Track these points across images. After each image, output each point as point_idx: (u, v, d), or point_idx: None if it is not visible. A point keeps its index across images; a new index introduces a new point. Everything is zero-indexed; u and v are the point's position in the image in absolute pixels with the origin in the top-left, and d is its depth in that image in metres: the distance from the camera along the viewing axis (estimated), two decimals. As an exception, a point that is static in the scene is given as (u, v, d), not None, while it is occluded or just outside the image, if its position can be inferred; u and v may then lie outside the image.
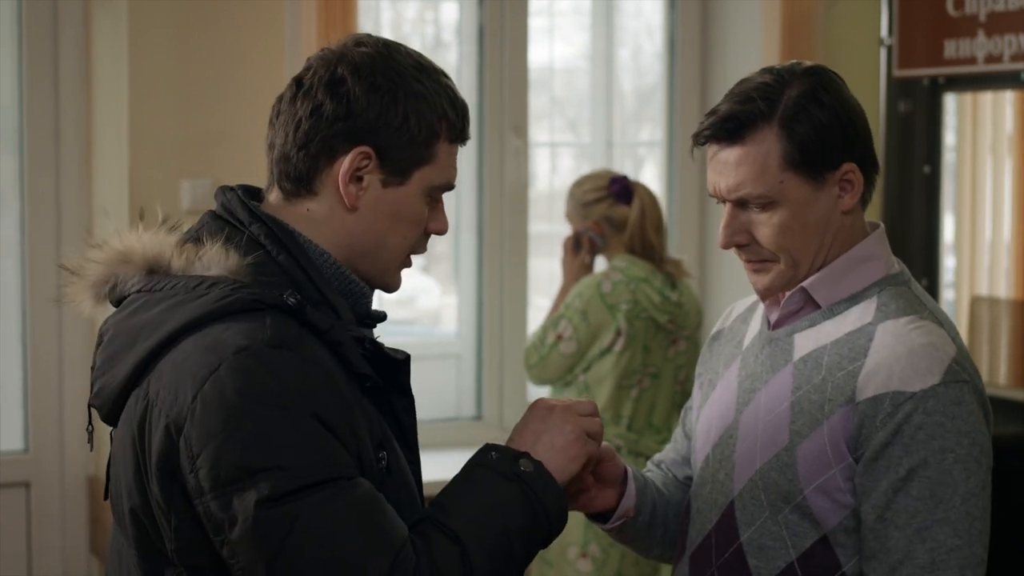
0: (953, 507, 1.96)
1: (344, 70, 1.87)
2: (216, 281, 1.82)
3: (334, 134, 1.87)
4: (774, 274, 2.09)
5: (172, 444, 1.76)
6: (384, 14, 4.84)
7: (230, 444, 1.72)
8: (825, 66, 2.11)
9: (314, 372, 1.77)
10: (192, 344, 1.78)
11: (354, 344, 1.84)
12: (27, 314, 4.25)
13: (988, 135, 4.60)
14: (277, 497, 1.72)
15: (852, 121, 2.05)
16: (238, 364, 1.74)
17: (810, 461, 2.02)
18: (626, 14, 5.08)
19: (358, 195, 1.89)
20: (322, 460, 1.75)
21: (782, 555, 2.05)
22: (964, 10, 4.29)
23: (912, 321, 2.03)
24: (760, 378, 2.12)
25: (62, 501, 4.31)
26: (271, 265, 1.86)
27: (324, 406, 1.76)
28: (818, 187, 2.04)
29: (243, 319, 1.78)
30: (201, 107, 4.05)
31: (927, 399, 1.96)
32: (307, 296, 1.85)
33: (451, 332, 4.90)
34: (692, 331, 4.23)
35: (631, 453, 4.13)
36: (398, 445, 1.94)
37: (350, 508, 1.75)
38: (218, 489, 1.73)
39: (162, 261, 1.88)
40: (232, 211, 1.91)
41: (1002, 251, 4.58)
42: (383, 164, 1.88)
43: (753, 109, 2.02)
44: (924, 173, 4.49)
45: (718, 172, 2.06)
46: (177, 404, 1.76)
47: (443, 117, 1.90)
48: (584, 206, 4.17)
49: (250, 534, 1.73)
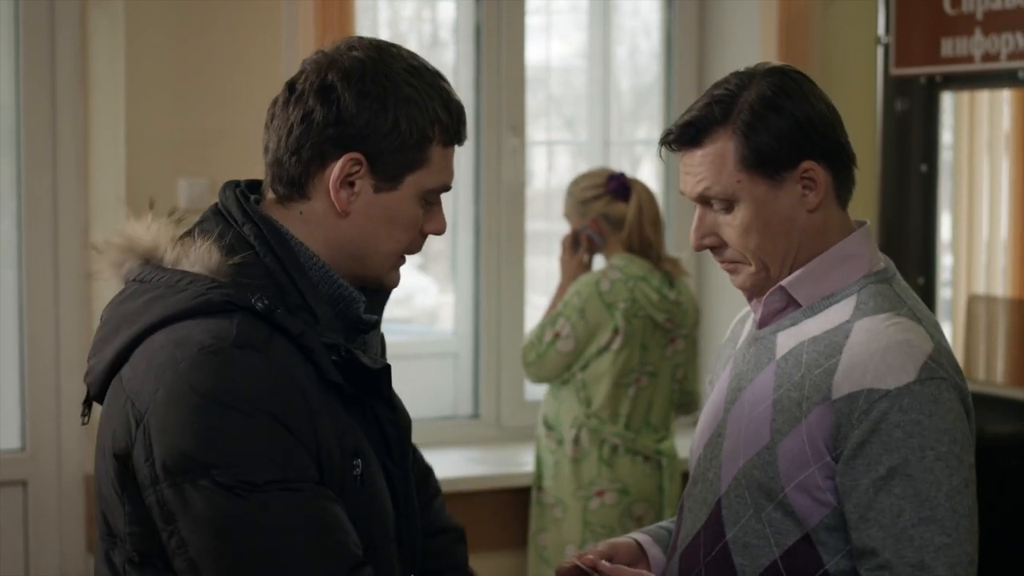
0: (939, 505, 1.97)
1: (334, 76, 1.89)
2: (196, 278, 1.85)
3: (324, 140, 1.89)
4: (745, 275, 2.13)
5: (131, 433, 1.81)
6: (381, 13, 4.83)
7: (186, 436, 1.76)
8: (789, 67, 2.14)
9: (276, 374, 1.80)
10: (164, 337, 1.82)
11: (325, 351, 1.85)
12: (24, 313, 4.25)
13: (985, 133, 4.60)
14: (231, 491, 1.75)
15: (811, 121, 2.07)
16: (200, 361, 1.78)
17: (790, 459, 2.03)
18: (623, 13, 5.08)
19: (350, 200, 1.91)
20: (276, 460, 1.77)
21: (766, 553, 2.06)
22: (961, 8, 4.29)
23: (889, 318, 2.04)
24: (746, 377, 2.14)
25: (59, 500, 4.30)
26: (257, 266, 1.88)
27: (283, 408, 1.79)
28: (777, 186, 2.07)
29: (214, 318, 1.81)
30: (198, 106, 4.05)
31: (902, 397, 1.97)
32: (288, 300, 1.87)
33: (448, 331, 4.90)
34: (690, 330, 4.24)
35: (628, 451, 4.14)
36: (382, 457, 1.95)
37: (308, 515, 1.78)
38: (172, 478, 1.77)
39: (157, 253, 1.91)
40: (229, 209, 1.94)
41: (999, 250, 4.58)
42: (374, 170, 1.90)
43: (709, 114, 2.08)
44: (921, 172, 4.49)
45: (684, 174, 2.12)
46: (142, 395, 1.80)
47: (436, 120, 1.91)
48: (582, 204, 4.17)
49: (203, 522, 1.76)
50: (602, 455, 4.13)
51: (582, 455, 4.14)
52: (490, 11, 4.71)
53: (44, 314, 4.25)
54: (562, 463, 4.16)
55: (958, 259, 4.63)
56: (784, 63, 2.18)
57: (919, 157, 4.50)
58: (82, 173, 4.24)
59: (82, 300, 4.27)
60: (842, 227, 2.13)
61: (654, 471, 4.18)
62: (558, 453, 4.18)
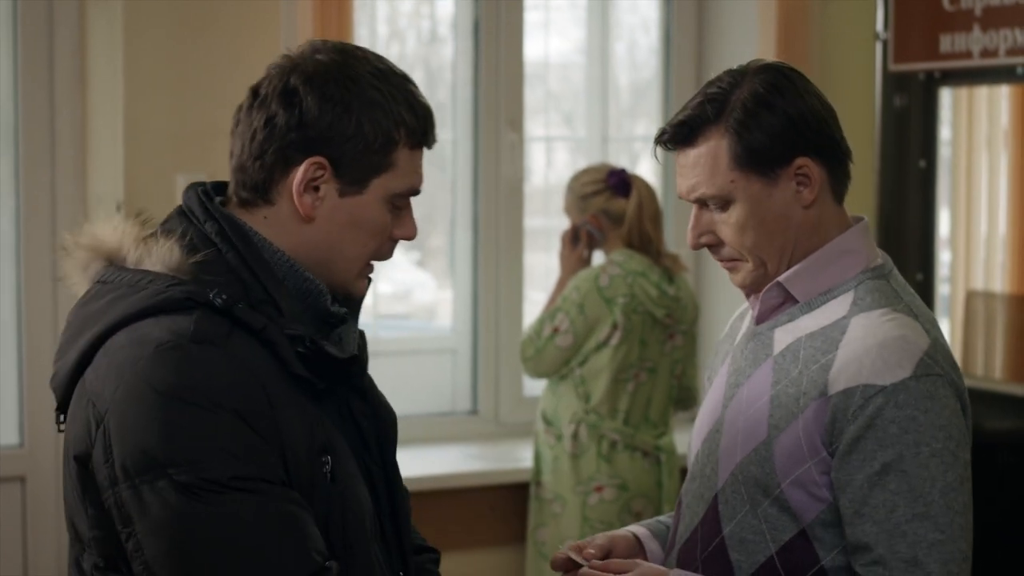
0: (932, 501, 1.97)
1: (296, 80, 1.87)
2: (156, 277, 1.84)
3: (287, 144, 1.87)
4: (744, 273, 2.13)
5: (91, 434, 1.79)
6: (380, 9, 4.83)
7: (146, 434, 1.74)
8: (781, 63, 2.14)
9: (236, 369, 1.78)
10: (124, 337, 1.81)
11: (288, 344, 1.83)
12: (23, 309, 4.24)
13: (984, 129, 4.60)
14: (189, 491, 1.72)
15: (804, 117, 2.07)
16: (158, 358, 1.76)
17: (786, 454, 2.04)
18: (622, 9, 5.07)
19: (314, 205, 1.89)
20: (238, 456, 1.75)
21: (762, 549, 2.07)
22: (960, 4, 4.29)
23: (885, 314, 2.05)
24: (744, 373, 2.14)
25: (57, 496, 4.27)
26: (219, 263, 1.87)
27: (244, 403, 1.77)
28: (771, 183, 2.07)
29: (173, 315, 1.80)
30: (196, 104, 4.05)
31: (898, 393, 1.97)
32: (252, 295, 1.85)
33: (446, 327, 4.90)
34: (689, 325, 4.24)
35: (627, 447, 4.14)
36: (358, 453, 1.92)
37: (267, 519, 1.75)
38: (130, 479, 1.74)
39: (121, 253, 1.90)
40: (192, 208, 1.92)
41: (997, 245, 4.58)
42: (338, 173, 1.88)
43: (702, 113, 2.08)
44: (920, 167, 4.49)
45: (679, 174, 2.12)
46: (103, 395, 1.79)
47: (401, 123, 1.89)
48: (582, 199, 4.17)
49: (159, 526, 1.73)
50: (601, 451, 4.13)
51: (581, 451, 4.14)
52: (488, 7, 4.71)
53: (42, 311, 4.25)
54: (561, 459, 4.16)
55: (956, 255, 4.63)
56: (778, 59, 2.18)
57: (918, 153, 4.50)
58: (80, 171, 4.23)
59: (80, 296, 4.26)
60: (838, 222, 2.14)
61: (653, 467, 4.18)
62: (557, 449, 4.18)
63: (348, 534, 1.86)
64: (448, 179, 4.68)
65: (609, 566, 2.11)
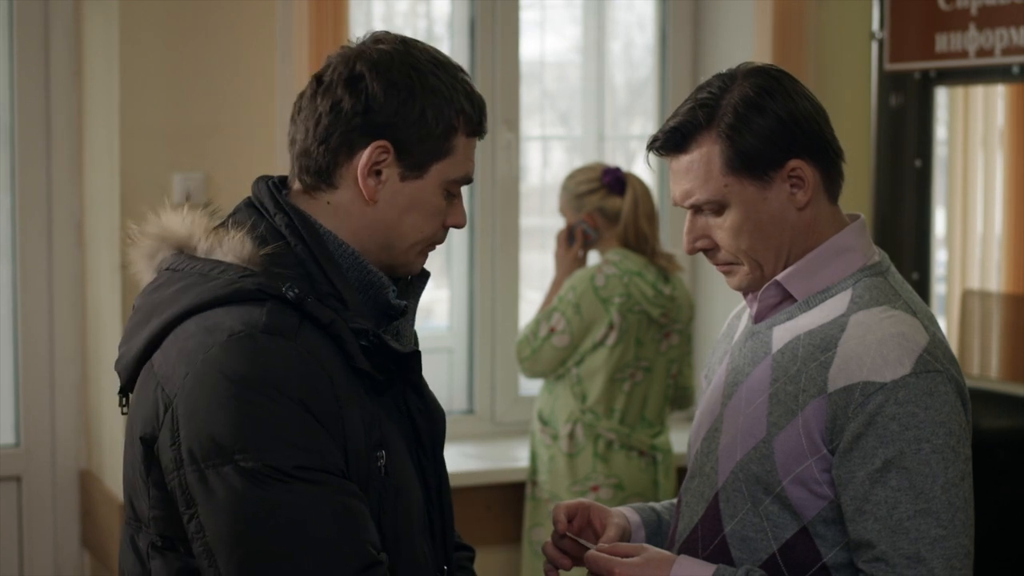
0: (934, 497, 1.97)
1: (362, 67, 1.92)
2: (228, 268, 1.88)
3: (353, 129, 1.92)
4: (740, 276, 2.14)
5: (158, 417, 1.83)
6: (376, 8, 4.83)
7: (213, 420, 1.78)
8: (771, 66, 2.15)
9: (305, 361, 1.82)
10: (195, 325, 1.85)
11: (354, 339, 1.88)
12: (19, 308, 4.24)
13: (979, 129, 4.60)
14: (253, 477, 1.77)
15: (796, 119, 2.08)
16: (230, 346, 1.80)
17: (787, 452, 2.04)
18: (618, 7, 5.07)
19: (377, 188, 1.94)
20: (301, 447, 1.79)
21: (764, 547, 2.07)
22: (955, 4, 4.30)
23: (884, 311, 2.05)
24: (742, 371, 2.15)
25: (54, 495, 4.30)
26: (288, 256, 1.92)
27: (311, 395, 1.81)
28: (765, 186, 2.08)
29: (245, 306, 1.84)
30: (193, 101, 4.05)
31: (898, 389, 1.98)
32: (319, 288, 1.90)
33: (443, 326, 4.90)
34: (685, 325, 4.24)
35: (623, 447, 4.14)
36: (412, 448, 1.97)
37: (326, 510, 1.79)
38: (196, 463, 1.79)
39: (191, 243, 1.94)
40: (262, 201, 1.97)
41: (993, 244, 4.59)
42: (401, 158, 1.93)
43: (693, 119, 2.09)
44: (915, 167, 4.50)
45: (672, 180, 2.14)
46: (172, 380, 1.83)
47: (460, 112, 1.95)
48: (578, 197, 4.17)
49: (222, 509, 1.78)
50: (597, 450, 4.13)
51: (577, 450, 4.14)
52: (484, 6, 4.71)
53: (38, 309, 4.25)
54: (557, 458, 4.17)
55: (952, 254, 4.64)
56: (774, 59, 2.19)
57: (913, 152, 4.50)
58: (76, 168, 4.23)
59: (77, 295, 4.26)
60: (834, 222, 2.14)
61: (649, 466, 4.18)
62: (553, 448, 4.18)
63: (398, 528, 1.90)
64: (444, 178, 4.67)
65: (616, 549, 2.11)
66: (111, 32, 4.01)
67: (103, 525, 4.12)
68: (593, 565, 2.11)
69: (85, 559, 4.34)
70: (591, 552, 2.12)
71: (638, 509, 2.33)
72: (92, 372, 4.23)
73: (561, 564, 2.23)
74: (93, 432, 4.27)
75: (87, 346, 4.26)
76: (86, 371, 4.28)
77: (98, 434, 4.21)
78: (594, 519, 2.26)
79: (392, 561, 1.88)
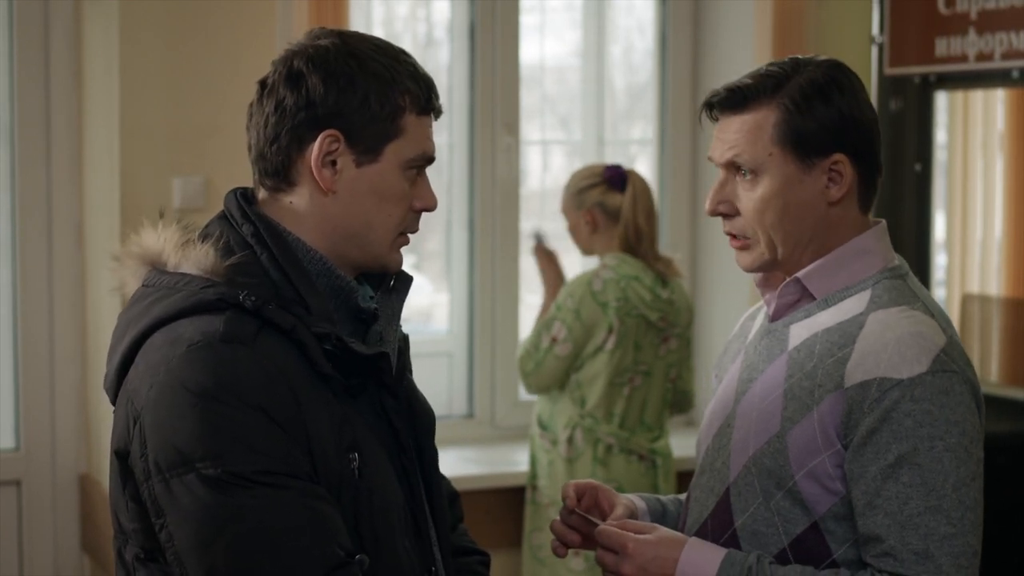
0: (945, 495, 1.98)
1: (300, 63, 1.96)
2: (192, 279, 1.91)
3: (299, 124, 1.94)
4: (755, 255, 2.15)
5: (129, 430, 1.87)
6: (376, 11, 4.83)
7: (176, 430, 1.81)
8: (845, 65, 2.17)
9: (263, 367, 1.84)
10: (161, 337, 1.89)
11: (317, 343, 1.89)
12: (19, 311, 4.24)
13: (979, 133, 4.61)
14: (216, 484, 1.79)
15: (855, 119, 2.11)
16: (189, 356, 1.83)
17: (801, 447, 2.05)
18: (618, 11, 5.08)
19: (333, 179, 1.95)
20: (263, 452, 1.81)
21: (774, 541, 2.08)
22: (955, 8, 4.30)
23: (903, 311, 2.07)
24: (757, 368, 2.16)
25: (54, 499, 4.30)
26: (254, 265, 1.94)
27: (271, 400, 1.83)
28: (805, 170, 2.10)
29: (205, 316, 1.87)
30: (193, 104, 4.05)
31: (915, 387, 1.99)
32: (283, 294, 1.91)
33: (442, 330, 4.90)
34: (683, 329, 4.23)
35: (623, 451, 4.14)
36: (390, 450, 1.97)
37: (291, 513, 1.81)
38: (162, 473, 1.82)
39: (162, 258, 1.97)
40: (231, 212, 1.99)
41: (993, 249, 4.59)
42: (352, 144, 1.95)
43: (760, 84, 2.11)
44: (915, 171, 4.50)
45: (717, 139, 2.15)
46: (139, 393, 1.86)
47: (406, 91, 1.96)
48: (579, 193, 4.15)
49: (187, 518, 1.81)
50: (596, 455, 4.13)
51: (576, 454, 4.14)
52: (484, 10, 4.71)
53: (38, 312, 4.24)
54: (556, 463, 4.16)
55: (952, 258, 4.64)
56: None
57: (913, 156, 4.50)
58: (76, 170, 4.23)
59: (77, 298, 4.26)
60: (858, 228, 2.16)
61: (648, 470, 4.18)
62: (552, 453, 4.17)
63: (376, 529, 1.91)
64: (444, 182, 4.68)
65: (627, 525, 2.12)
66: (111, 32, 4.01)
67: (103, 529, 4.11)
68: (606, 539, 2.11)
69: (85, 563, 4.33)
70: (603, 527, 2.13)
71: (644, 498, 2.34)
72: (92, 375, 4.23)
73: (569, 540, 2.24)
74: (93, 436, 4.26)
75: (87, 348, 4.26)
76: (86, 374, 4.27)
77: (98, 438, 4.21)
78: (602, 500, 2.26)
79: (372, 561, 1.88)
